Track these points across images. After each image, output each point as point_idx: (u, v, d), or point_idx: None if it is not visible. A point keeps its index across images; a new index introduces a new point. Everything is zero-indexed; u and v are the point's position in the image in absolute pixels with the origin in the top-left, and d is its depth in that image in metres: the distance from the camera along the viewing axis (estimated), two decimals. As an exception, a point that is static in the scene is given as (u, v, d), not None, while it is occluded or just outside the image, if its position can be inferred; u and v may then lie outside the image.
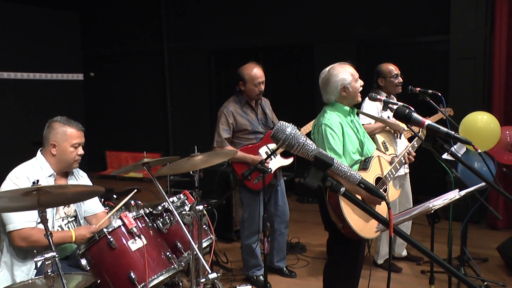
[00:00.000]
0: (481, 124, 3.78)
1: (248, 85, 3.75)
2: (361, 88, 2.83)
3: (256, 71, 3.73)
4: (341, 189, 1.51)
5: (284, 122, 1.52)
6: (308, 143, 1.50)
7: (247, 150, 3.78)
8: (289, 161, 3.93)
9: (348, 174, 1.52)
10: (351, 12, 6.73)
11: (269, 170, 3.66)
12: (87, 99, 8.25)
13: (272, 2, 7.33)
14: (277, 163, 3.85)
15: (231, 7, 7.71)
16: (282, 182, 4.04)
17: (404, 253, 4.40)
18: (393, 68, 4.04)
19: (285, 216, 4.05)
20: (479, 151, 1.92)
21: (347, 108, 2.84)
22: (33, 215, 2.58)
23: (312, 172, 1.51)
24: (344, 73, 2.79)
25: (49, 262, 1.98)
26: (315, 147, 1.51)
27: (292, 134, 1.49)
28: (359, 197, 2.21)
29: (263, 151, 3.79)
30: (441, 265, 1.47)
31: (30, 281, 2.42)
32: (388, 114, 4.05)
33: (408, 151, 2.98)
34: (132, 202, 3.01)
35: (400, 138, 4.00)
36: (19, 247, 2.57)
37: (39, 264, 2.06)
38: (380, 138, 3.94)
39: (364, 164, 2.77)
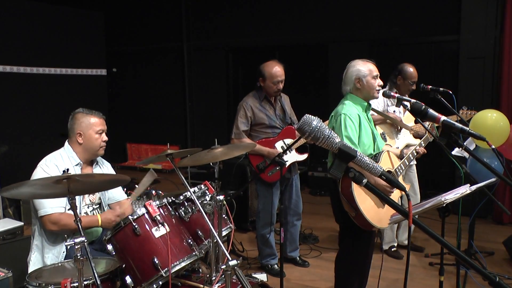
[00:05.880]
0: (490, 121, 3.85)
1: (267, 82, 3.84)
2: (378, 87, 2.89)
3: (276, 70, 3.81)
4: (364, 180, 1.57)
5: (310, 115, 1.56)
6: (333, 136, 1.55)
7: (264, 143, 3.88)
8: (304, 156, 4.02)
9: (371, 166, 1.57)
10: (365, 12, 6.83)
11: (284, 163, 3.80)
12: (110, 93, 8.48)
13: (289, 3, 7.45)
14: (291, 158, 3.95)
15: (249, 7, 7.85)
16: (297, 177, 4.14)
17: (406, 241, 4.51)
18: (414, 74, 4.12)
19: (298, 209, 4.16)
20: (493, 146, 2.00)
21: (365, 103, 2.91)
22: (62, 201, 2.69)
23: (336, 164, 1.56)
24: (363, 66, 2.87)
25: (79, 246, 2.05)
26: (339, 140, 1.56)
27: (318, 127, 1.53)
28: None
29: (279, 145, 3.89)
30: (457, 255, 1.54)
31: (60, 264, 2.55)
32: (393, 109, 4.17)
33: (415, 149, 3.06)
34: (153, 192, 3.11)
35: (400, 132, 4.11)
36: (50, 231, 2.69)
37: (69, 248, 2.16)
38: (379, 129, 4.05)
39: (375, 158, 2.85)
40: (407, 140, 4.11)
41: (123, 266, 2.46)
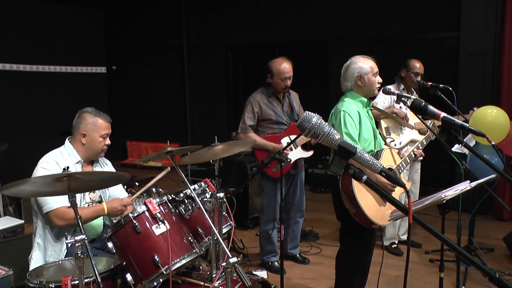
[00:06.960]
0: (490, 118, 3.85)
1: (275, 79, 3.86)
2: (378, 85, 2.90)
3: (284, 67, 3.83)
4: (364, 177, 1.56)
5: (309, 112, 1.56)
6: (333, 133, 1.55)
7: (270, 138, 3.91)
8: (309, 153, 4.03)
9: (371, 162, 1.56)
10: (364, 9, 6.83)
11: (289, 160, 3.80)
12: (109, 91, 8.52)
13: (289, 0, 7.45)
14: (297, 154, 3.96)
15: (249, 4, 7.85)
16: (302, 174, 4.15)
17: (404, 237, 4.54)
18: (417, 66, 4.15)
19: (301, 206, 4.17)
20: (493, 143, 2.00)
21: (365, 99, 2.91)
22: (66, 196, 2.69)
23: (336, 161, 1.56)
24: (364, 63, 2.87)
25: (79, 244, 2.05)
26: (339, 137, 1.56)
27: (318, 124, 1.53)
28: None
29: (285, 141, 3.91)
30: (457, 251, 1.55)
31: (60, 262, 2.55)
32: (399, 105, 4.16)
33: (413, 152, 3.06)
34: (153, 189, 3.11)
35: (405, 127, 4.11)
36: (58, 226, 2.67)
37: (69, 246, 2.17)
38: (384, 123, 4.05)
39: (376, 155, 2.84)
40: (411, 136, 4.11)
41: (124, 263, 2.45)
